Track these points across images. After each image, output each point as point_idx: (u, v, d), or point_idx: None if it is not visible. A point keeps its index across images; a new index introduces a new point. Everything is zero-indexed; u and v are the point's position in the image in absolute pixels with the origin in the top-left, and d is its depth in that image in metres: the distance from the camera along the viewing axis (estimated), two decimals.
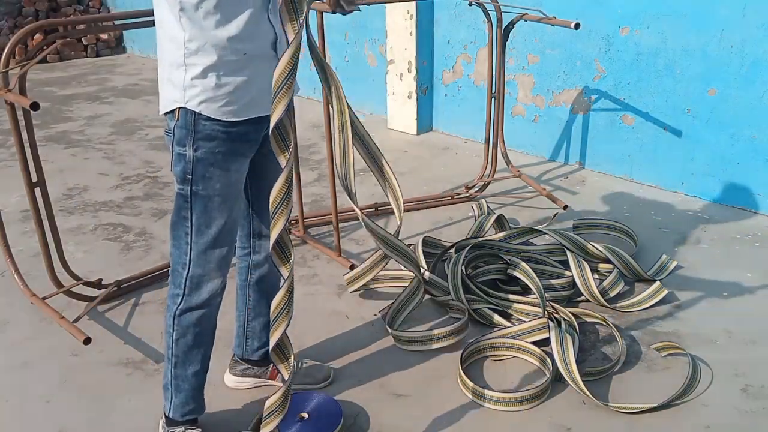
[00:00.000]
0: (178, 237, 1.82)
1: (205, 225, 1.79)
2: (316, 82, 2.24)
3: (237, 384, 2.26)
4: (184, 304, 1.85)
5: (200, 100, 1.69)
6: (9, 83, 2.37)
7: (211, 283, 1.85)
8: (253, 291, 2.12)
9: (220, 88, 1.69)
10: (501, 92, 3.56)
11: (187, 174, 1.74)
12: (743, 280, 2.84)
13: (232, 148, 1.76)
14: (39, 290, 2.70)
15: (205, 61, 1.66)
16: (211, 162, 1.74)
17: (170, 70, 1.71)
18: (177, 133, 1.73)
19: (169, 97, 1.74)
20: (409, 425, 2.07)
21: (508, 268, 2.67)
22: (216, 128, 1.72)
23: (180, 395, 1.93)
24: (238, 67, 1.70)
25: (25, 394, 2.26)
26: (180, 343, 1.88)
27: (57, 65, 7.73)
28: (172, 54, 1.70)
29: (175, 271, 1.85)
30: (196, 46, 1.65)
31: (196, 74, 1.67)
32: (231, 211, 1.82)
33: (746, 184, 3.49)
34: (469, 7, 4.30)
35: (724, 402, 2.13)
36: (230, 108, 1.71)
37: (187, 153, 1.73)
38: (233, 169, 1.78)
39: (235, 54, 1.68)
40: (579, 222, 3.30)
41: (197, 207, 1.77)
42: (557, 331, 2.26)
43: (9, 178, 4.18)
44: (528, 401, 2.12)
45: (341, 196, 3.76)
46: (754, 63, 3.32)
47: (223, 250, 1.84)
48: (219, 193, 1.77)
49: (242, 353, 2.22)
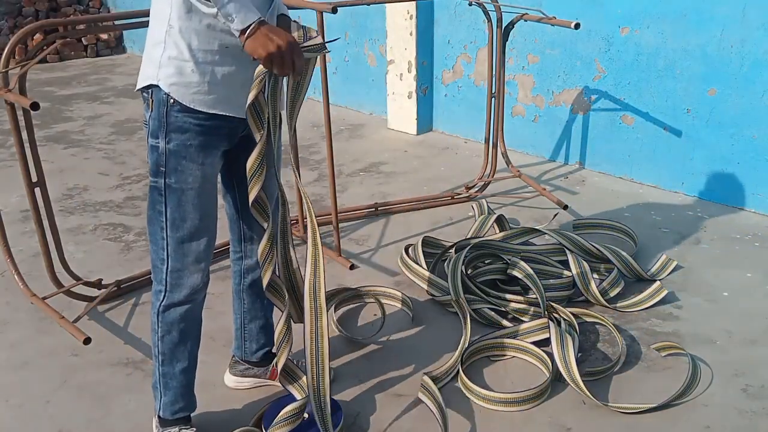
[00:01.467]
0: (155, 232, 1.80)
1: (180, 219, 1.77)
2: (316, 83, 2.24)
3: (237, 384, 2.26)
4: (166, 300, 1.84)
5: (171, 82, 1.66)
6: (9, 83, 2.37)
7: (191, 278, 1.83)
8: (247, 295, 2.13)
9: (193, 74, 1.65)
10: (501, 92, 3.56)
11: (160, 166, 1.73)
12: (743, 280, 2.84)
13: (205, 142, 1.73)
14: (39, 290, 2.70)
15: (184, 43, 1.63)
16: (183, 155, 1.71)
17: (151, 46, 1.69)
18: (151, 125, 1.72)
19: (145, 73, 1.72)
20: (409, 425, 2.07)
21: (508, 268, 2.67)
22: (188, 120, 1.69)
23: (169, 393, 1.93)
24: (217, 58, 1.66)
25: (25, 394, 2.26)
26: (165, 340, 1.88)
27: (57, 65, 7.73)
28: (154, 30, 1.68)
29: (155, 267, 1.84)
30: (178, 26, 1.62)
31: (173, 54, 1.64)
32: (205, 204, 1.80)
33: (746, 184, 3.49)
34: (469, 7, 4.30)
35: (724, 402, 2.13)
36: (201, 98, 1.68)
37: (160, 145, 1.71)
38: (207, 163, 1.76)
39: (214, 44, 1.65)
40: (579, 222, 3.30)
41: (171, 200, 1.75)
42: (557, 331, 2.26)
43: (9, 178, 4.19)
44: (528, 401, 2.12)
45: (341, 196, 3.77)
46: (754, 63, 3.32)
47: (200, 243, 1.81)
48: (192, 187, 1.75)
49: (242, 355, 2.23)
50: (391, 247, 3.22)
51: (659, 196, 3.72)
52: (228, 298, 2.34)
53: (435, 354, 2.39)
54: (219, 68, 1.68)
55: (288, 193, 3.88)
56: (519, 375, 2.28)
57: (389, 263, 3.04)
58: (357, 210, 3.58)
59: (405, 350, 2.43)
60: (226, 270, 2.82)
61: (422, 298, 2.74)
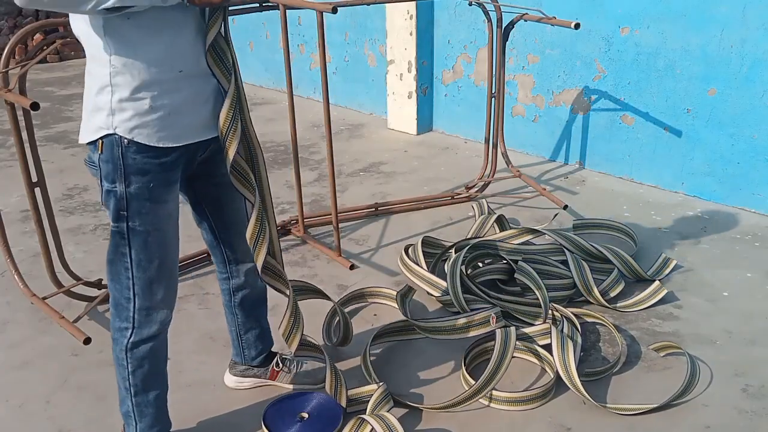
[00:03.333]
0: (117, 272, 1.69)
1: (147, 260, 1.67)
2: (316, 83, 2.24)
3: (237, 384, 2.25)
4: (134, 336, 1.74)
5: (132, 126, 1.52)
6: (9, 83, 2.37)
7: (161, 313, 1.76)
8: (240, 310, 2.10)
9: (154, 110, 1.53)
10: (501, 92, 3.56)
11: (121, 211, 1.61)
12: (743, 280, 2.84)
13: (167, 178, 1.63)
14: (39, 290, 2.70)
15: (135, 80, 1.49)
16: (146, 197, 1.60)
17: (95, 93, 1.54)
18: (103, 168, 1.58)
19: (94, 124, 1.57)
20: (409, 425, 2.07)
21: (515, 272, 2.65)
22: (148, 161, 1.56)
23: (145, 419, 1.85)
24: (174, 86, 1.54)
25: (25, 394, 2.26)
26: (137, 373, 1.79)
27: (57, 65, 7.73)
28: (96, 74, 1.52)
29: (118, 306, 1.73)
30: (122, 62, 1.48)
31: (125, 96, 1.50)
32: (171, 241, 1.72)
33: (746, 184, 3.49)
34: (469, 7, 4.30)
35: (723, 402, 2.13)
36: (166, 133, 1.55)
37: (118, 189, 1.59)
38: (170, 199, 1.67)
39: (170, 71, 1.52)
40: (579, 222, 3.30)
41: (136, 243, 1.65)
42: (558, 336, 2.26)
43: (9, 178, 4.18)
44: (532, 401, 2.12)
45: (341, 196, 3.77)
46: (754, 63, 3.32)
47: (170, 281, 1.75)
48: (158, 227, 1.66)
49: (241, 360, 2.22)
50: (391, 247, 3.22)
51: (659, 196, 3.72)
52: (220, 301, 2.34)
53: (435, 354, 2.39)
54: (180, 97, 1.56)
55: (288, 193, 3.88)
56: (519, 375, 2.28)
57: (389, 263, 3.04)
58: (357, 210, 3.58)
59: (405, 350, 2.43)
60: None
61: (422, 298, 2.74)
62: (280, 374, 2.22)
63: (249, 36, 6.28)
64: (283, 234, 3.34)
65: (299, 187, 3.23)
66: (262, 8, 2.84)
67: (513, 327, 2.30)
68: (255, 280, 2.05)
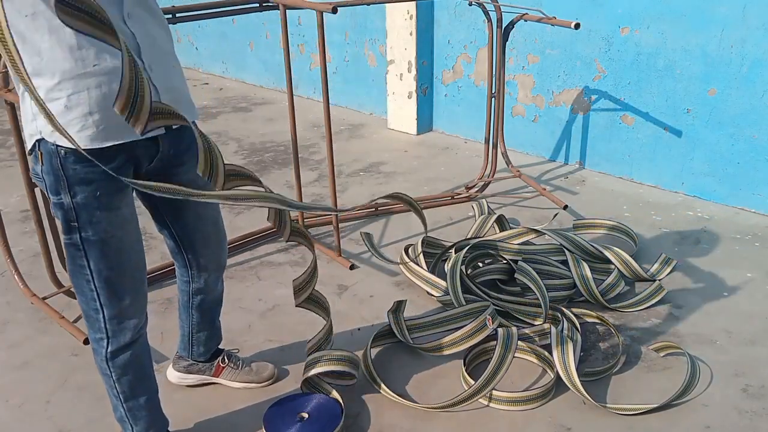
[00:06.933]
0: (80, 285, 1.63)
1: (107, 269, 1.60)
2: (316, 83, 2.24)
3: (180, 380, 2.23)
4: (111, 346, 1.71)
5: (52, 128, 1.41)
6: (9, 83, 2.38)
7: (132, 320, 1.71)
8: (197, 311, 2.09)
9: (70, 110, 1.43)
10: (501, 92, 3.56)
11: (71, 222, 1.54)
12: (743, 280, 2.84)
13: (115, 186, 1.55)
14: (39, 290, 2.71)
15: (48, 80, 1.40)
16: (95, 206, 1.53)
17: (23, 101, 1.48)
18: (46, 180, 1.52)
19: (27, 132, 1.51)
20: (409, 425, 2.07)
21: (516, 273, 2.65)
22: (90, 169, 1.49)
23: (140, 422, 1.85)
24: (91, 82, 1.43)
25: (25, 394, 2.26)
26: (123, 380, 1.77)
27: None
28: (16, 80, 1.43)
29: (89, 317, 1.68)
30: (32, 64, 1.39)
31: (42, 98, 1.40)
32: (132, 246, 1.65)
33: (746, 184, 3.49)
34: (469, 7, 4.30)
35: (723, 402, 2.13)
36: (89, 132, 1.46)
37: (64, 201, 1.52)
38: (123, 205, 1.59)
39: (83, 66, 1.42)
40: (579, 222, 3.30)
41: (92, 253, 1.58)
42: (558, 336, 2.26)
43: (9, 178, 4.18)
44: (532, 401, 2.12)
45: (341, 196, 3.76)
46: (754, 63, 3.32)
47: (136, 287, 1.69)
48: (113, 234, 1.58)
49: (188, 354, 2.21)
50: (391, 247, 3.22)
51: (659, 196, 3.72)
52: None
53: (435, 354, 2.39)
54: (98, 93, 1.44)
55: (288, 193, 3.88)
56: (520, 375, 2.28)
57: (389, 263, 3.04)
58: (357, 210, 3.58)
59: (405, 350, 2.43)
60: None
61: (422, 298, 2.74)
62: (225, 370, 2.21)
63: (249, 36, 6.28)
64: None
65: (299, 187, 3.23)
66: (262, 8, 2.85)
67: (514, 327, 2.30)
68: (215, 285, 2.05)
